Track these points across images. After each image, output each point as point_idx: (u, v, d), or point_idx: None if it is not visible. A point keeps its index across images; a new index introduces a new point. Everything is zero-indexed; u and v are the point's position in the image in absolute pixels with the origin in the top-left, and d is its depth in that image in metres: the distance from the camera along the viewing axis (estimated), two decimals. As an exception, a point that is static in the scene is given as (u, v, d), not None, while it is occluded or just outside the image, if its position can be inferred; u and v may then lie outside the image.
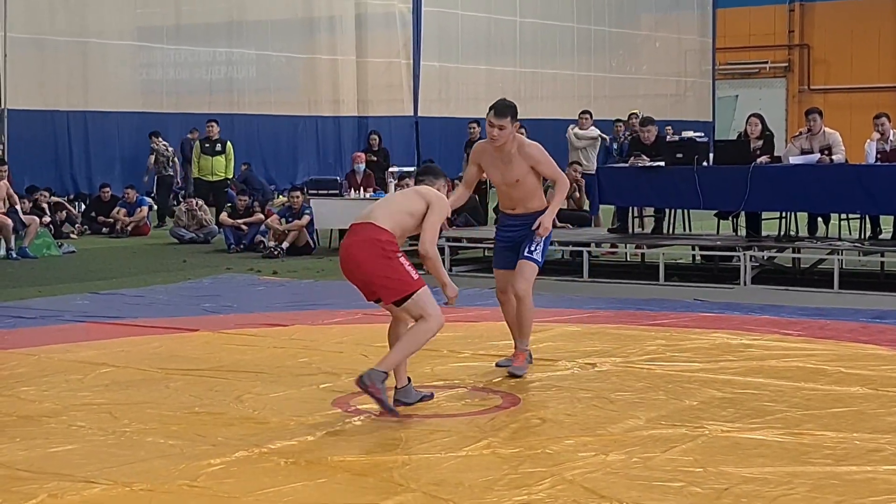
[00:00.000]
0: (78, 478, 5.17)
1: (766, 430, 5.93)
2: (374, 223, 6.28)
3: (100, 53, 23.37)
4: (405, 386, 6.55)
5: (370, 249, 6.22)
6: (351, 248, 6.30)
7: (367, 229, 6.28)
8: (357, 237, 6.30)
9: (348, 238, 6.38)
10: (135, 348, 8.52)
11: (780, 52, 39.81)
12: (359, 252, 6.25)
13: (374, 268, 6.23)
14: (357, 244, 6.28)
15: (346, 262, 6.36)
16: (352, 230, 6.38)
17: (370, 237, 6.24)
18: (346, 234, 6.50)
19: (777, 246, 12.67)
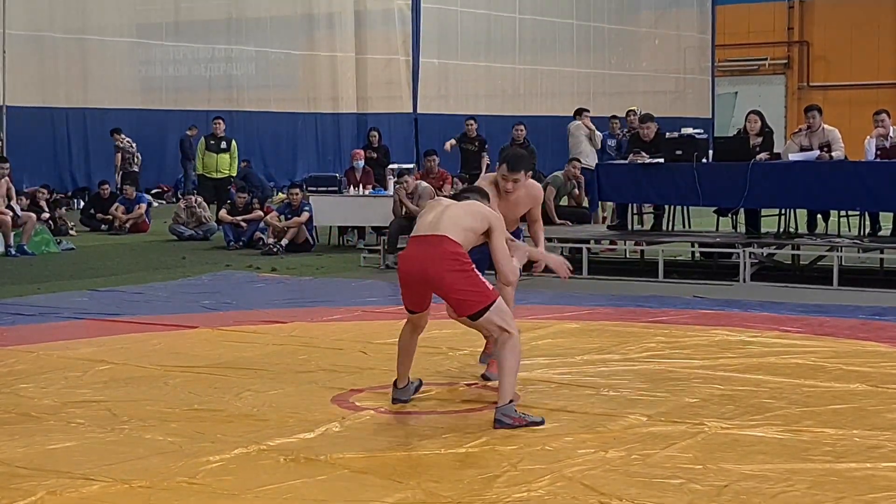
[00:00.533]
0: (77, 475, 5.17)
1: (765, 427, 5.93)
2: (448, 236, 6.12)
3: (99, 50, 23.39)
4: (406, 386, 6.56)
5: (449, 263, 6.08)
6: (427, 262, 6.10)
7: (443, 242, 6.11)
8: (433, 250, 6.11)
9: (419, 250, 6.18)
10: (134, 345, 8.51)
11: (780, 48, 39.81)
12: (437, 266, 6.08)
13: (452, 282, 6.09)
14: (434, 258, 6.09)
15: (419, 275, 6.15)
16: (422, 241, 6.19)
17: (447, 251, 6.08)
18: (410, 244, 6.32)
19: (776, 243, 12.67)
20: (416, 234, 6.30)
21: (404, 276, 6.30)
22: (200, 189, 19.08)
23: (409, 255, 6.30)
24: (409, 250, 6.33)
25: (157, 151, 24.51)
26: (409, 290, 6.33)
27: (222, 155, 19.07)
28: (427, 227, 6.22)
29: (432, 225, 6.20)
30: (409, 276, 6.25)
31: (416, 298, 6.36)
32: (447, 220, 6.20)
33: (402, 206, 14.13)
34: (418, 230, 6.29)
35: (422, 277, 6.17)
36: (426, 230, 6.21)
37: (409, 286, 6.31)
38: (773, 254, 12.87)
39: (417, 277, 6.20)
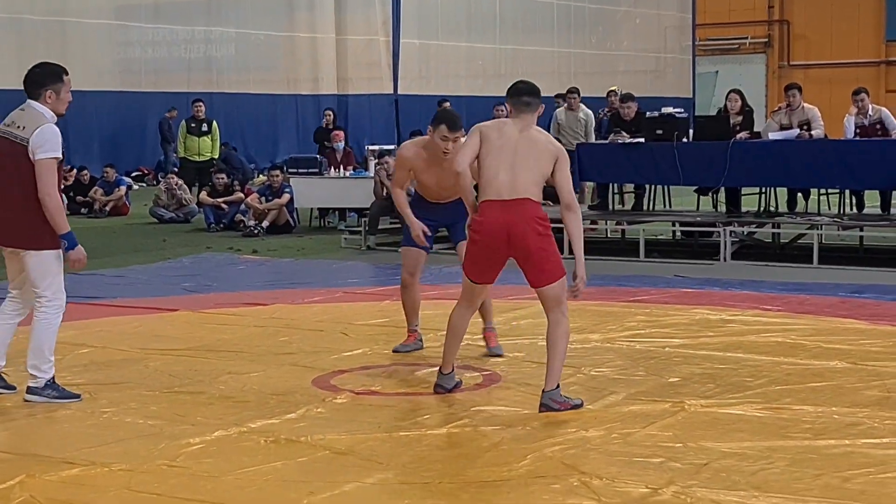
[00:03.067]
0: (57, 458, 5.16)
1: (745, 405, 5.95)
2: (530, 199, 5.97)
3: (78, 32, 23.24)
4: (451, 372, 6.39)
5: (535, 225, 5.93)
6: (512, 224, 5.91)
7: (526, 205, 5.94)
8: (516, 214, 5.92)
9: (502, 213, 5.93)
10: (114, 328, 8.49)
11: (760, 27, 39.81)
12: (523, 227, 5.91)
13: (538, 245, 5.95)
14: (520, 220, 5.91)
15: (503, 237, 5.93)
16: (504, 206, 5.94)
17: (532, 214, 5.94)
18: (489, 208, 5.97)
19: (757, 221, 12.70)
20: (491, 198, 5.95)
21: (485, 240, 5.99)
22: (182, 172, 18.99)
23: (491, 219, 5.97)
24: (490, 213, 5.98)
25: (136, 134, 24.40)
26: (486, 257, 6.05)
27: (204, 138, 18.98)
28: (505, 189, 5.93)
29: (510, 188, 5.93)
30: (492, 240, 5.97)
31: (489, 265, 6.09)
32: (522, 177, 5.94)
33: (383, 188, 14.10)
34: (493, 193, 5.94)
35: (506, 239, 5.94)
36: (505, 194, 5.93)
37: (488, 254, 6.03)
38: (754, 232, 12.90)
39: (501, 243, 5.95)
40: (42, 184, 6.09)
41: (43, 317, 6.30)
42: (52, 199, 6.13)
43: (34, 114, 6.20)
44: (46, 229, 6.16)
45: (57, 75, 6.30)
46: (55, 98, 6.24)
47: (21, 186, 6.12)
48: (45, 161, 6.10)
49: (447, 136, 6.88)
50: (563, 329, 6.06)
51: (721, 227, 12.22)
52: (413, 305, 7.50)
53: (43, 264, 6.21)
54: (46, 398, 6.18)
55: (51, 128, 6.16)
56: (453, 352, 6.34)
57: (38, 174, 6.09)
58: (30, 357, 6.28)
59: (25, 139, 6.11)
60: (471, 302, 6.31)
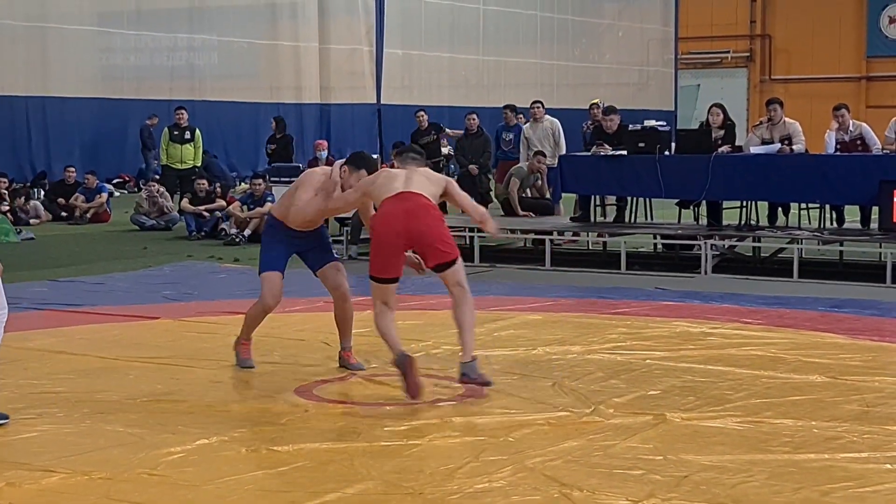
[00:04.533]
0: (36, 466, 5.14)
1: (725, 418, 5.97)
2: (423, 194, 6.49)
3: (59, 38, 23.16)
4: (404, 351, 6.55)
5: (431, 212, 6.48)
6: (409, 214, 6.41)
7: (419, 197, 6.49)
8: (412, 203, 6.45)
9: (398, 205, 6.44)
10: (94, 336, 8.46)
11: (742, 41, 40.00)
12: (420, 216, 6.43)
13: (435, 232, 6.47)
14: (415, 209, 6.43)
15: (402, 228, 6.40)
16: (399, 198, 6.46)
17: (425, 203, 6.48)
18: (387, 204, 6.48)
19: (738, 235, 12.74)
20: (389, 195, 6.50)
21: (385, 232, 6.46)
22: (164, 180, 18.91)
23: (388, 211, 6.47)
24: (387, 208, 6.48)
25: (118, 141, 24.32)
26: (387, 250, 6.48)
27: (186, 145, 18.93)
28: (397, 187, 6.51)
29: (405, 186, 6.50)
30: (391, 230, 6.42)
31: (392, 260, 6.52)
32: (416, 184, 6.52)
33: (365, 197, 14.09)
34: (391, 192, 6.51)
35: (404, 229, 6.40)
36: (399, 190, 6.49)
37: (388, 245, 6.46)
38: (735, 246, 12.94)
39: (400, 230, 6.40)
40: None
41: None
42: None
43: None
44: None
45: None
46: None
47: None
48: None
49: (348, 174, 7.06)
50: (468, 304, 6.54)
51: (702, 240, 12.26)
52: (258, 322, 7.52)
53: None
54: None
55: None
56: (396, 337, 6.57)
57: None
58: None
59: None
60: (385, 302, 6.60)
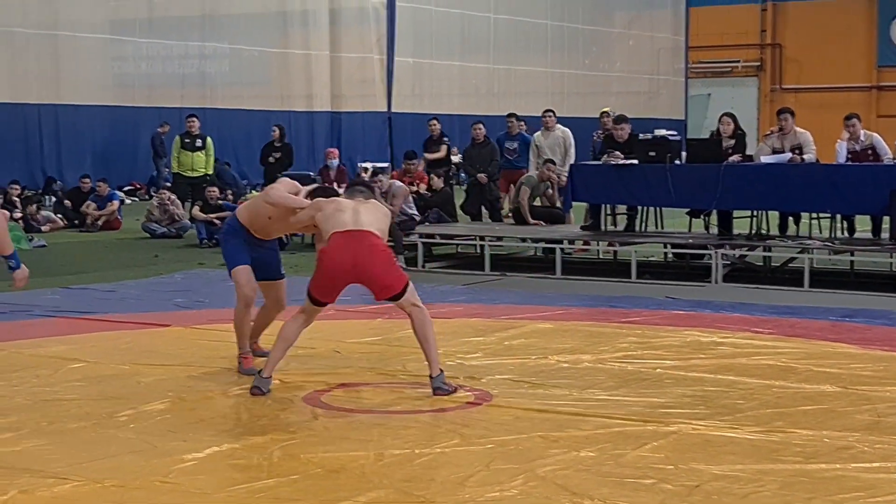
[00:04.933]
0: (49, 473, 5.15)
1: (736, 428, 5.97)
2: (372, 231, 6.70)
3: (71, 46, 23.24)
4: (269, 378, 6.80)
5: (379, 255, 6.68)
6: (357, 254, 6.62)
7: (369, 236, 6.68)
8: (361, 243, 6.64)
9: (348, 243, 6.63)
10: (106, 343, 8.48)
11: (753, 51, 40.01)
12: (366, 257, 6.63)
13: (380, 271, 6.69)
14: (363, 249, 6.63)
15: (349, 266, 6.61)
16: (350, 235, 6.65)
17: (374, 243, 6.68)
18: (337, 238, 6.66)
19: (748, 244, 12.73)
20: (339, 229, 6.70)
21: (334, 267, 6.65)
22: (176, 188, 18.94)
23: (338, 248, 6.66)
24: (336, 243, 6.68)
25: (129, 148, 24.37)
26: (333, 281, 6.72)
27: (198, 153, 18.96)
28: (349, 224, 6.71)
29: (354, 223, 6.71)
30: (339, 266, 6.63)
31: (335, 291, 6.77)
32: (366, 219, 6.75)
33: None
34: (341, 226, 6.71)
35: (351, 267, 6.61)
36: (349, 227, 6.69)
37: (335, 278, 6.70)
38: (745, 255, 12.93)
39: (347, 268, 6.62)
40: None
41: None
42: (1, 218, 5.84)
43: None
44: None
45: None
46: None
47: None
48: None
49: None
50: (426, 320, 6.78)
51: (713, 249, 12.26)
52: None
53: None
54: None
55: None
56: (280, 358, 6.81)
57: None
58: None
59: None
60: (309, 318, 6.85)
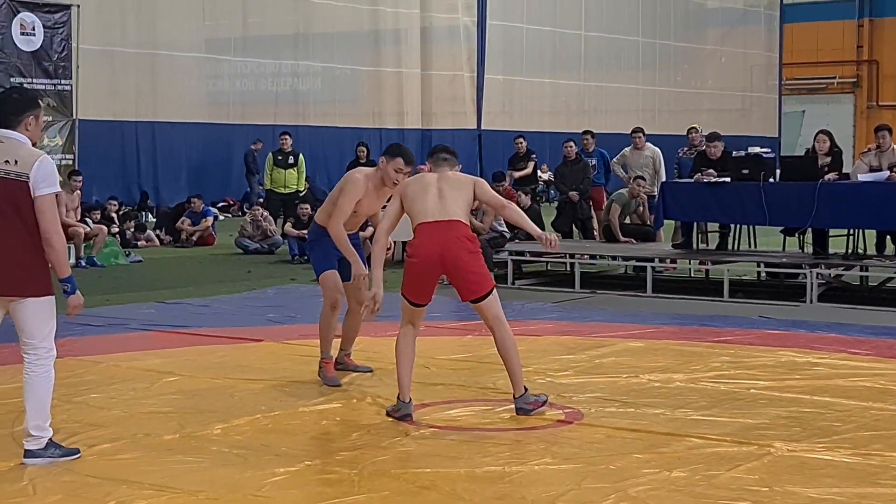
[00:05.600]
0: (145, 485, 5.24)
1: (833, 451, 5.86)
2: (459, 220, 6.58)
3: (168, 65, 23.65)
4: (410, 401, 6.67)
5: (465, 244, 6.54)
6: (444, 245, 6.50)
7: (456, 226, 6.55)
8: (448, 233, 6.53)
9: (434, 234, 6.53)
10: (200, 357, 8.60)
11: (849, 67, 39.41)
12: (454, 248, 6.50)
13: (468, 262, 6.52)
14: (451, 241, 6.51)
15: (437, 258, 6.51)
16: (436, 227, 6.55)
17: (461, 234, 6.55)
18: (422, 231, 6.58)
19: (844, 264, 12.52)
20: (424, 220, 6.58)
21: (421, 261, 6.55)
22: (268, 204, 19.18)
23: (424, 241, 6.57)
24: (423, 237, 6.58)
25: (223, 165, 24.73)
26: (423, 277, 6.61)
27: (290, 170, 19.18)
28: (434, 212, 6.57)
29: (439, 210, 6.57)
30: (427, 260, 6.52)
31: (427, 288, 6.64)
32: (450, 202, 6.59)
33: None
34: (426, 216, 6.58)
35: (439, 260, 6.51)
36: (435, 216, 6.56)
37: (424, 273, 6.59)
38: (841, 275, 12.71)
39: (435, 260, 6.51)
40: (48, 222, 5.51)
41: (43, 371, 5.62)
42: (60, 239, 5.59)
43: (17, 144, 5.56)
44: (47, 272, 5.59)
45: (36, 101, 5.78)
46: (35, 124, 5.66)
47: (25, 229, 5.51)
48: (48, 197, 5.52)
49: (401, 168, 7.36)
50: (510, 340, 6.62)
51: (808, 268, 12.07)
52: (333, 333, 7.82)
53: (45, 312, 5.61)
54: (50, 458, 5.63)
55: (49, 160, 5.63)
56: (409, 378, 6.70)
57: (41, 211, 5.49)
58: (31, 418, 5.61)
59: (24, 174, 5.49)
60: (415, 326, 6.76)
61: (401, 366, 6.67)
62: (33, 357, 5.62)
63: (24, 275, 5.54)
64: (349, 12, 26.76)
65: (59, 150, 16.53)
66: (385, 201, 7.58)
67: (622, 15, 32.02)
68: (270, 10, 25.51)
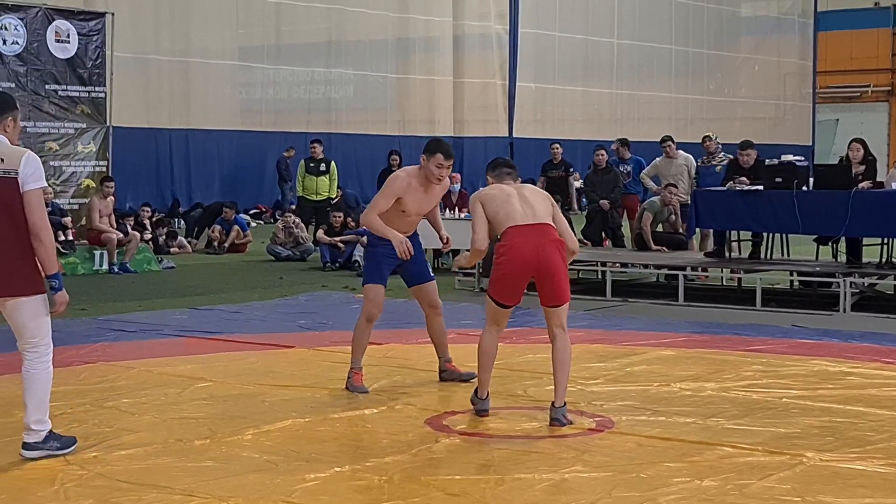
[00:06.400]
0: (176, 490, 5.26)
1: (866, 460, 5.82)
2: (551, 224, 6.64)
3: (202, 72, 23.81)
4: (487, 396, 6.85)
5: (559, 248, 6.59)
6: (541, 247, 6.53)
7: (549, 229, 6.61)
8: (543, 237, 6.57)
9: (532, 236, 6.55)
10: (232, 363, 8.63)
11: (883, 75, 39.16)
12: (550, 250, 6.54)
13: (562, 270, 6.61)
14: (547, 244, 6.55)
15: (534, 260, 6.51)
16: (531, 230, 6.57)
17: (555, 238, 6.60)
18: (516, 233, 6.58)
19: (878, 273, 12.43)
20: (517, 223, 6.59)
21: (515, 263, 6.55)
22: (300, 211, 19.24)
23: (518, 242, 6.56)
24: (516, 238, 6.57)
25: (256, 172, 24.86)
26: (515, 279, 6.61)
27: (322, 177, 19.24)
28: (527, 216, 6.61)
29: (531, 214, 6.61)
30: (521, 261, 6.53)
31: (518, 289, 6.64)
32: (537, 207, 6.65)
33: (498, 230, 14.12)
34: (515, 220, 6.59)
35: (533, 262, 6.51)
36: (529, 219, 6.60)
37: (517, 275, 6.59)
38: (875, 284, 12.62)
39: (529, 262, 6.52)
40: (36, 216, 5.53)
41: (43, 367, 5.69)
42: (49, 234, 5.61)
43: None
44: (38, 270, 5.60)
45: (11, 103, 5.82)
46: (13, 126, 5.71)
47: (15, 226, 5.54)
48: (36, 192, 5.55)
49: (442, 163, 7.41)
50: (568, 351, 6.67)
51: (841, 277, 11.99)
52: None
53: (39, 309, 5.66)
54: (49, 451, 5.71)
55: (34, 155, 5.65)
56: (489, 375, 6.82)
57: (30, 206, 5.52)
58: (31, 413, 5.69)
59: (12, 171, 5.52)
60: (499, 325, 6.81)
61: (483, 363, 6.79)
62: (33, 355, 5.70)
63: (17, 275, 5.58)
64: (381, 20, 26.86)
65: (92, 157, 16.64)
66: (436, 200, 7.66)
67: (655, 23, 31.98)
68: (303, 19, 25.64)
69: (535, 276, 6.60)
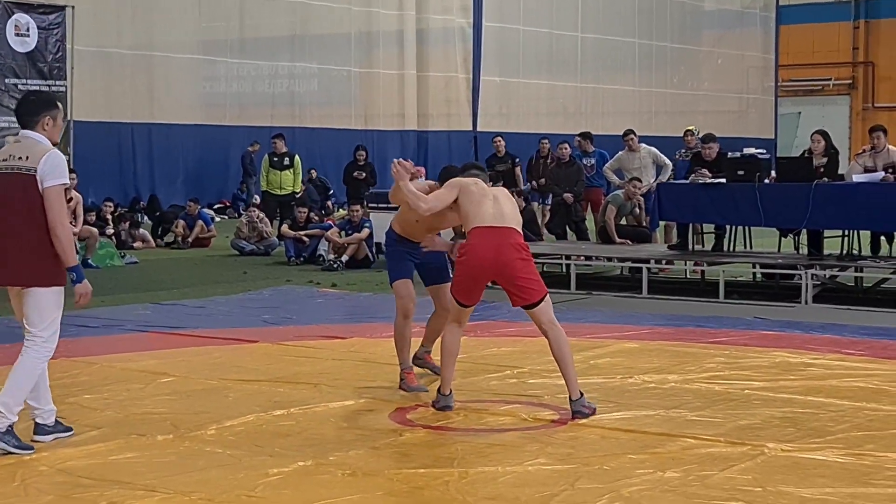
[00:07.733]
0: (138, 486, 5.24)
1: (826, 451, 5.87)
2: (515, 228, 6.70)
3: (165, 66, 23.67)
4: (451, 392, 6.85)
5: (518, 252, 6.63)
6: (500, 250, 6.59)
7: (511, 233, 6.67)
8: (504, 239, 6.63)
9: (492, 239, 6.61)
10: (195, 358, 8.60)
11: (845, 69, 39.45)
12: (508, 254, 6.59)
13: (521, 268, 6.61)
14: (506, 246, 6.61)
15: (492, 262, 6.59)
16: (493, 232, 6.64)
17: (516, 241, 6.66)
18: (478, 234, 6.64)
19: (839, 265, 12.53)
20: (481, 224, 6.67)
21: (478, 264, 6.63)
22: (264, 206, 19.19)
23: (478, 244, 6.65)
24: (478, 240, 6.66)
25: (220, 167, 24.76)
26: (474, 279, 6.70)
27: (286, 172, 19.18)
28: (492, 218, 6.67)
29: (496, 217, 6.67)
30: (479, 263, 6.61)
31: (476, 290, 6.74)
32: (506, 211, 6.73)
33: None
34: (483, 220, 6.67)
35: (493, 264, 6.59)
36: (493, 221, 6.65)
37: (475, 275, 6.67)
38: (836, 276, 12.73)
39: (487, 265, 6.60)
40: (54, 213, 5.74)
41: (33, 356, 5.83)
42: (66, 229, 5.81)
43: (33, 142, 5.88)
44: (55, 263, 5.80)
45: (52, 103, 6.06)
46: (52, 125, 5.95)
47: (34, 221, 5.74)
48: (54, 189, 5.76)
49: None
50: (564, 341, 6.67)
51: (802, 269, 12.08)
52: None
53: (47, 302, 5.84)
54: (5, 444, 5.71)
55: (57, 154, 5.88)
56: (452, 372, 6.87)
57: (48, 203, 5.74)
58: (3, 393, 5.78)
59: (32, 168, 5.76)
60: (460, 323, 6.89)
61: (445, 361, 6.84)
62: (30, 343, 5.85)
63: (36, 266, 5.78)
64: (345, 14, 26.79)
65: (53, 152, 16.53)
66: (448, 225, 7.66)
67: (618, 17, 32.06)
68: (267, 13, 25.53)
69: (495, 277, 6.70)
